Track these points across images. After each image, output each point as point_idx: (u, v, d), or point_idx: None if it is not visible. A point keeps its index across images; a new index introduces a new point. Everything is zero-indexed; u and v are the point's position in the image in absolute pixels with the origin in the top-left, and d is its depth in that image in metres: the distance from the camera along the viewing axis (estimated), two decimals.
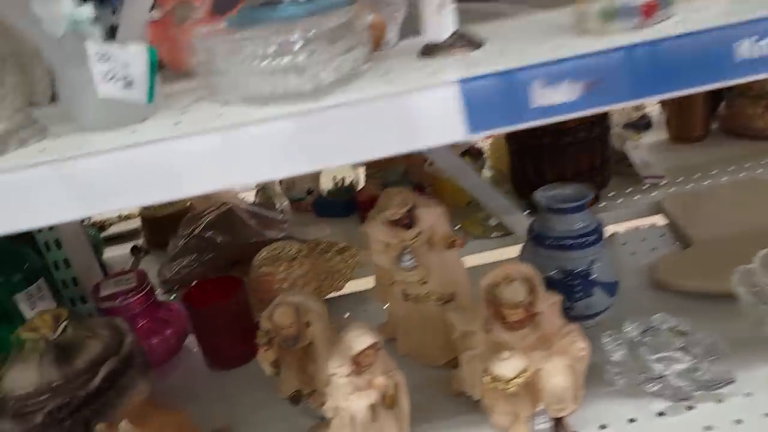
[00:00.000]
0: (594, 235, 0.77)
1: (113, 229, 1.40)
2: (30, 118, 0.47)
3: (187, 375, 0.89)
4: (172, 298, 1.08)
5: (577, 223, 0.77)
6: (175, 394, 0.84)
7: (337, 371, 0.58)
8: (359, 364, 0.58)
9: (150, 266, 1.24)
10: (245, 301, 0.86)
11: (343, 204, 1.28)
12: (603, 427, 0.66)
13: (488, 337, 0.64)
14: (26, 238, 0.92)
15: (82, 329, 0.70)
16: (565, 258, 0.76)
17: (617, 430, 0.65)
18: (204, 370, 0.90)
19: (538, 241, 0.79)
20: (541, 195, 0.79)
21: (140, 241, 1.33)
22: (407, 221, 0.71)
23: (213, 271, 1.10)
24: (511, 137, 1.11)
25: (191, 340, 0.94)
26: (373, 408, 0.59)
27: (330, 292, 0.98)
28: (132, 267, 1.24)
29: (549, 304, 0.63)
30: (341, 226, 1.25)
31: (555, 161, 1.04)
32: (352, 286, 1.02)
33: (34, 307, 0.82)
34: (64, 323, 0.68)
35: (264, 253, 0.99)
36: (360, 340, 0.57)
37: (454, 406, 0.73)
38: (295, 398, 0.78)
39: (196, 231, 1.10)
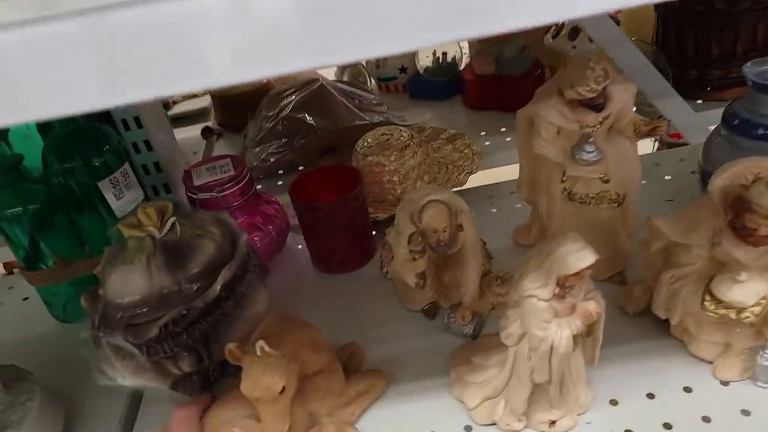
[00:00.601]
0: None
1: (178, 108, 1.25)
2: None
3: (293, 279, 0.78)
4: (258, 187, 0.96)
5: None
6: (281, 301, 0.73)
7: (537, 293, 0.45)
8: (564, 286, 0.45)
9: (224, 151, 1.11)
10: (364, 197, 0.72)
11: (444, 84, 1.11)
12: None
13: (714, 252, 0.50)
14: (100, 115, 0.79)
15: (189, 227, 0.57)
16: None
17: None
18: (311, 273, 0.78)
19: (741, 130, 0.63)
20: (752, 70, 0.62)
21: (210, 122, 1.19)
22: (601, 101, 0.55)
23: (305, 157, 0.97)
24: (664, 2, 0.91)
25: (292, 238, 0.82)
26: (573, 337, 0.47)
27: (448, 188, 0.84)
28: (206, 151, 1.11)
29: None
30: (442, 110, 1.09)
31: (725, 32, 0.85)
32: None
33: (121, 195, 0.70)
34: (172, 219, 0.55)
35: (369, 139, 0.85)
36: (579, 256, 0.43)
37: (632, 328, 0.60)
38: (431, 311, 0.67)
39: (285, 112, 0.95)
